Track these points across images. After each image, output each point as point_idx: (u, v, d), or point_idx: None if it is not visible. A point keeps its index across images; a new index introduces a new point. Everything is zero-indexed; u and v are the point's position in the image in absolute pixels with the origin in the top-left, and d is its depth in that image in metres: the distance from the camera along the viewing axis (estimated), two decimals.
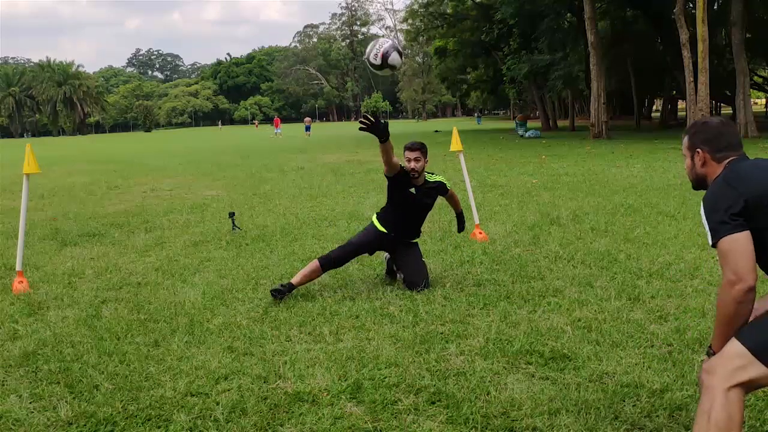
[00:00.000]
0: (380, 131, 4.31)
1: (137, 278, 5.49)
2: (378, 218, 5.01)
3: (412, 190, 4.83)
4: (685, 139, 2.44)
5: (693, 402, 2.85)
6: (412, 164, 4.73)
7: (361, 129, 4.35)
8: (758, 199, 2.11)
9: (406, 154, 4.79)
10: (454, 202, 5.29)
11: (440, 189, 5.02)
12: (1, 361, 3.67)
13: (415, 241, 5.07)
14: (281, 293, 4.60)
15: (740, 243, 2.07)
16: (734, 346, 2.09)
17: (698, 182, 2.41)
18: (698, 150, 2.36)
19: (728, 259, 2.08)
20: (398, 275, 5.02)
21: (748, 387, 2.05)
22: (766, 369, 2.02)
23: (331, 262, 4.83)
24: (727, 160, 2.29)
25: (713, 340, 2.22)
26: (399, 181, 4.80)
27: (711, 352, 2.23)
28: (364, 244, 4.95)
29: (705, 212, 2.18)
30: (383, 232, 4.91)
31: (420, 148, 4.76)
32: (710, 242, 2.15)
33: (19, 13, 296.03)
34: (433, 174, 5.01)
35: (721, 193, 2.18)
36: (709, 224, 2.15)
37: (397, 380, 3.19)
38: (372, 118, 4.32)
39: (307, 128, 43.34)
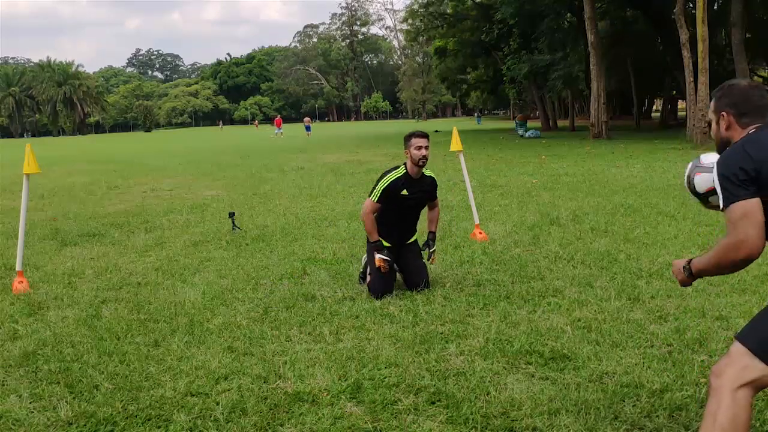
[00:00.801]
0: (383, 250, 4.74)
1: (137, 278, 5.49)
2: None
3: (404, 192, 4.77)
4: (712, 102, 2.37)
5: (693, 402, 2.85)
6: (423, 152, 4.69)
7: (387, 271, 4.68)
8: None
9: (416, 141, 4.69)
10: (434, 216, 5.04)
11: (432, 186, 4.93)
12: (1, 361, 3.67)
13: (413, 240, 5.05)
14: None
15: (753, 211, 2.04)
16: (737, 347, 2.10)
17: (723, 146, 2.34)
18: (723, 113, 2.30)
19: (739, 225, 2.05)
20: (398, 275, 5.01)
21: (755, 387, 2.06)
22: None
23: (383, 293, 4.65)
24: (752, 127, 2.23)
25: (696, 263, 2.23)
26: (390, 193, 4.73)
27: (687, 268, 2.27)
28: (392, 262, 4.79)
29: (718, 174, 2.14)
30: (388, 246, 4.86)
31: (428, 136, 4.81)
32: (721, 203, 2.12)
33: (19, 13, 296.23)
34: (427, 168, 4.97)
35: (736, 157, 2.12)
36: (721, 186, 2.12)
37: (397, 380, 3.19)
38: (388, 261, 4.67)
39: (308, 128, 43.90)
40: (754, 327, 2.14)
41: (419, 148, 4.69)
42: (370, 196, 4.78)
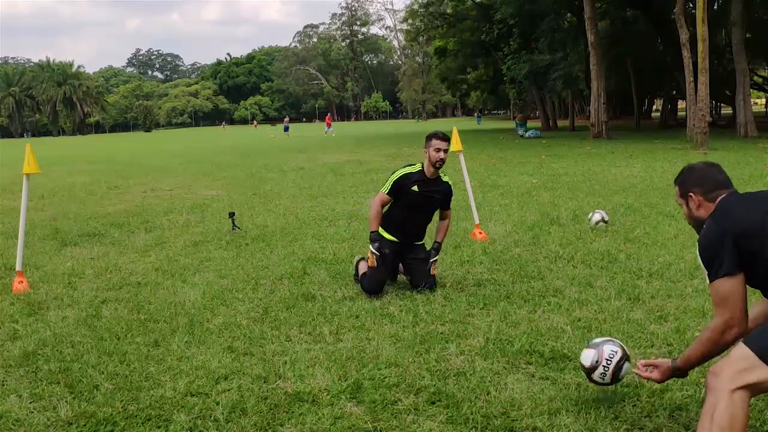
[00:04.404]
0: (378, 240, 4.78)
1: (137, 278, 5.49)
2: (383, 227, 4.91)
3: (415, 188, 4.76)
4: (676, 189, 2.53)
5: (693, 402, 2.85)
6: (441, 154, 4.68)
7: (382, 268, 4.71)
8: (743, 232, 2.20)
9: (435, 143, 4.67)
10: (443, 226, 5.03)
11: (447, 193, 4.91)
12: (1, 361, 3.67)
13: (421, 243, 5.02)
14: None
15: (736, 288, 2.18)
16: (741, 349, 2.11)
17: (699, 226, 2.44)
18: (690, 194, 2.44)
19: (725, 303, 2.19)
20: (404, 277, 4.99)
21: (754, 390, 2.07)
22: None
23: (377, 289, 4.69)
24: (719, 199, 2.37)
25: (685, 361, 2.37)
26: (401, 187, 4.76)
27: (677, 368, 2.41)
28: (385, 259, 4.77)
29: (699, 252, 2.28)
30: (393, 240, 4.87)
31: (449, 139, 4.79)
32: (707, 281, 2.26)
33: (19, 13, 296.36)
34: (445, 174, 4.97)
35: (711, 232, 2.27)
36: (704, 264, 2.26)
37: (397, 380, 3.19)
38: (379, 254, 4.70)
39: (286, 128, 46.16)
40: (759, 331, 2.16)
41: (438, 150, 4.68)
42: (382, 188, 4.84)
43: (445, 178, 4.92)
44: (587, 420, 2.73)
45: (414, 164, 4.85)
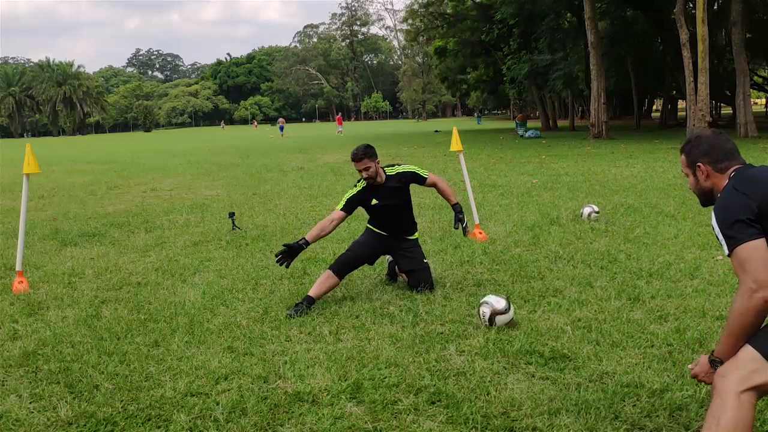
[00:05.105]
0: (298, 250, 4.59)
1: (137, 278, 5.49)
2: (370, 224, 4.99)
3: (374, 201, 4.78)
4: (683, 158, 2.42)
5: (693, 402, 2.85)
6: (363, 174, 4.69)
7: (280, 261, 4.56)
8: None
9: (355, 165, 4.70)
10: (444, 190, 4.96)
11: (407, 178, 4.85)
12: (1, 361, 3.67)
13: (414, 238, 5.03)
14: (300, 309, 4.33)
15: (759, 250, 2.03)
16: (747, 350, 2.08)
17: (705, 197, 2.38)
18: (699, 164, 2.34)
19: (747, 267, 2.03)
20: (402, 277, 4.99)
21: (761, 391, 2.05)
22: None
23: (341, 266, 4.70)
24: (731, 170, 2.28)
25: (720, 349, 2.17)
26: (360, 204, 4.79)
27: (717, 361, 2.19)
28: (367, 243, 4.87)
29: (718, 221, 2.13)
30: (381, 233, 4.90)
31: (363, 156, 4.63)
32: (726, 251, 2.10)
33: (18, 13, 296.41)
34: (393, 166, 4.90)
35: (732, 200, 2.14)
36: (723, 233, 2.10)
37: (397, 380, 3.19)
38: (286, 247, 4.57)
39: (281, 128, 46.16)
40: (766, 332, 2.13)
41: (359, 171, 4.70)
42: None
43: (395, 171, 4.85)
44: (587, 420, 2.73)
45: (360, 180, 4.81)
